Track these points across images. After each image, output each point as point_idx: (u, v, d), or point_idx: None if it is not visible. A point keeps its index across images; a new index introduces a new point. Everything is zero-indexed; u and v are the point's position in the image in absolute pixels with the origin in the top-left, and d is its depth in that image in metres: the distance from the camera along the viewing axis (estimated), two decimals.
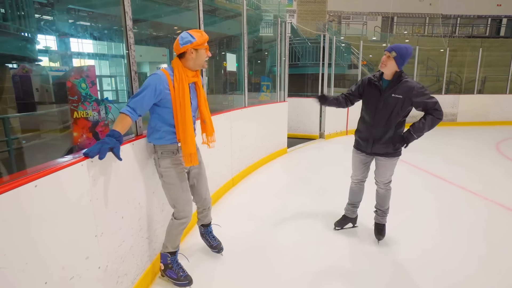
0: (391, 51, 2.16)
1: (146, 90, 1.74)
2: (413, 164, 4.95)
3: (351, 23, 17.05)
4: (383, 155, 2.35)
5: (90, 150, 1.44)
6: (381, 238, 2.54)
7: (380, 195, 2.53)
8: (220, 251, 2.41)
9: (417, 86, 2.17)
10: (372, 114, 2.32)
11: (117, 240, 1.65)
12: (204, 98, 2.04)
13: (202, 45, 1.83)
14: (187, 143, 1.86)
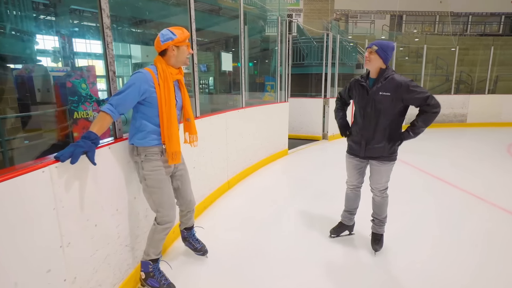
0: (371, 46, 2.10)
1: (130, 88, 1.68)
2: (417, 167, 4.76)
3: (358, 22, 16.76)
4: (377, 159, 2.22)
5: (62, 154, 1.37)
6: (378, 249, 2.39)
7: (376, 203, 2.38)
8: (205, 254, 2.35)
9: (405, 82, 2.04)
10: (361, 115, 2.22)
11: (88, 249, 1.56)
12: (187, 96, 2.00)
13: (183, 42, 1.80)
14: (172, 141, 1.81)
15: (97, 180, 1.63)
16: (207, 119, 3.18)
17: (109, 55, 1.78)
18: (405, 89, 2.02)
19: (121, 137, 1.89)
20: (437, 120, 8.99)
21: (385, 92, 2.08)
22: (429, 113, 2.05)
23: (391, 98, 2.07)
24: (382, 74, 2.11)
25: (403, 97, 2.05)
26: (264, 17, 11.24)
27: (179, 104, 1.94)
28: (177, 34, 1.77)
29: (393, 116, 2.13)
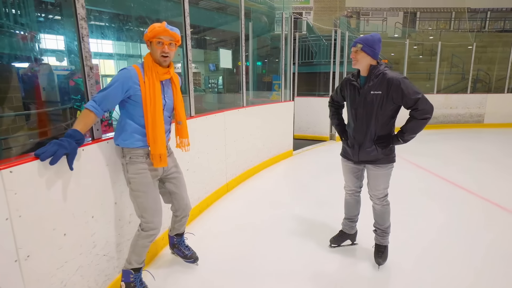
0: (355, 44, 1.91)
1: (113, 85, 1.59)
2: (429, 170, 4.49)
3: (370, 20, 16.34)
4: (373, 163, 2.02)
5: (43, 152, 1.31)
6: (382, 262, 2.16)
7: (377, 211, 2.17)
8: (196, 261, 2.20)
9: (396, 78, 1.84)
10: (353, 117, 2.04)
11: (54, 261, 1.42)
12: (180, 97, 1.88)
13: (153, 38, 1.65)
14: (157, 143, 1.69)
15: (68, 185, 1.49)
16: (203, 118, 3.03)
17: (85, 49, 1.64)
18: (396, 87, 1.82)
19: (99, 138, 1.75)
20: (451, 120, 8.61)
21: (376, 91, 1.89)
22: (418, 119, 1.84)
23: (382, 97, 1.88)
24: (372, 71, 1.91)
25: (393, 95, 1.85)
26: (273, 15, 11.06)
27: (169, 105, 1.81)
28: (148, 29, 1.65)
29: (385, 118, 1.94)
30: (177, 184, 1.98)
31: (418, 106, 1.81)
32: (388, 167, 2.03)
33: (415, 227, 2.78)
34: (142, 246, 1.80)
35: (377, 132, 1.96)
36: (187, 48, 2.74)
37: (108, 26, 8.37)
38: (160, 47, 1.65)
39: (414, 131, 1.88)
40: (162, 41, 1.64)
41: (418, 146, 6.35)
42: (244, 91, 3.98)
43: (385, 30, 14.78)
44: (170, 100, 1.82)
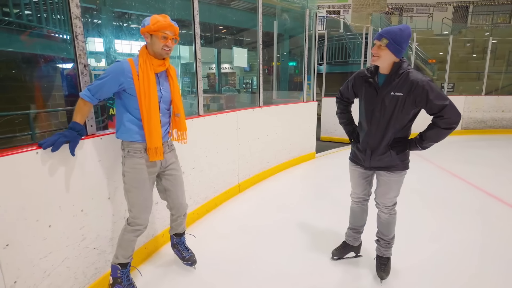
0: (380, 38, 1.65)
1: (107, 78, 1.62)
2: (468, 181, 4.02)
3: (414, 16, 15.27)
4: (386, 169, 1.83)
5: (45, 141, 1.44)
6: (385, 276, 1.98)
7: (382, 221, 1.98)
8: (193, 264, 2.15)
9: (421, 81, 1.63)
10: (368, 119, 1.83)
11: (37, 251, 1.47)
12: (178, 90, 1.85)
13: (156, 32, 1.63)
14: (152, 136, 1.69)
15: (55, 179, 1.54)
16: (212, 117, 3.00)
17: (79, 47, 1.69)
18: (421, 90, 1.63)
19: (93, 134, 1.79)
20: (503, 125, 7.71)
21: (398, 92, 1.68)
22: (441, 128, 1.65)
23: (403, 100, 1.68)
24: (396, 70, 1.68)
25: (417, 99, 1.66)
26: (302, 14, 10.80)
27: (166, 97, 1.80)
28: (152, 22, 1.62)
29: (404, 122, 1.75)
30: (173, 181, 1.95)
31: (444, 114, 1.62)
32: (402, 174, 1.84)
33: (435, 245, 2.48)
34: (128, 241, 1.80)
35: (394, 136, 1.78)
36: (196, 47, 2.74)
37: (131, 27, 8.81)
38: (165, 41, 1.65)
39: (435, 140, 1.70)
40: (166, 35, 1.64)
41: (457, 152, 5.77)
42: (261, 91, 3.89)
43: (431, 26, 13.69)
44: (167, 93, 1.80)
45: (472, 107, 7.42)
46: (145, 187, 1.77)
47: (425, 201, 3.36)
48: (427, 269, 2.13)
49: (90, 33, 6.90)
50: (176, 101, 1.84)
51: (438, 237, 2.58)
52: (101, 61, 6.80)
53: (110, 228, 1.92)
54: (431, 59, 10.65)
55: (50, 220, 1.53)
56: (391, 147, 1.79)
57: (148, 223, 1.86)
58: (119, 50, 8.46)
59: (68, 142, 1.52)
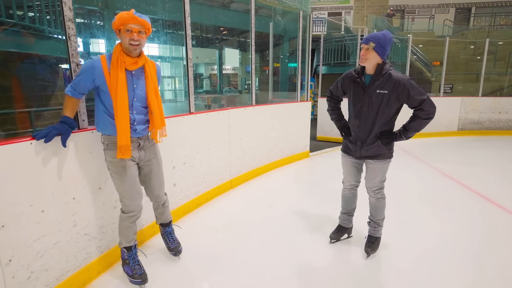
0: (368, 42, 1.93)
1: (81, 75, 1.71)
2: (460, 181, 4.10)
3: (416, 17, 15.30)
4: (373, 158, 2.11)
5: (38, 133, 1.57)
6: (370, 252, 2.26)
7: (371, 204, 2.27)
8: (177, 254, 2.26)
9: (403, 79, 1.92)
10: (357, 115, 2.09)
11: (30, 234, 1.61)
12: (153, 87, 1.86)
13: (121, 26, 1.65)
14: (119, 134, 1.73)
15: (49, 168, 1.68)
16: (204, 115, 3.14)
17: (71, 47, 1.83)
18: (402, 87, 1.91)
19: (84, 128, 1.93)
20: (500, 126, 7.72)
21: (383, 90, 1.95)
22: (422, 119, 1.96)
23: (388, 96, 1.95)
24: (380, 70, 1.96)
25: (400, 95, 1.93)
26: (304, 15, 10.90)
27: (139, 96, 1.80)
28: (116, 17, 1.64)
29: (389, 116, 2.02)
30: (149, 173, 2.01)
31: (424, 106, 1.91)
32: (386, 162, 2.12)
33: (415, 236, 2.59)
34: (126, 227, 1.94)
35: (381, 129, 2.04)
36: (187, 48, 2.87)
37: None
38: (129, 34, 1.65)
39: (417, 129, 1.99)
40: (130, 28, 1.64)
41: (453, 152, 5.83)
42: (253, 91, 4.02)
43: (432, 28, 13.71)
44: (141, 91, 1.81)
45: (468, 108, 7.47)
46: (128, 176, 1.84)
47: (411, 198, 3.46)
48: (417, 264, 2.24)
49: (93, 34, 7.09)
50: (149, 99, 1.83)
51: (424, 234, 2.67)
52: None
53: (101, 216, 2.06)
54: (435, 61, 10.70)
55: (43, 206, 1.67)
56: (379, 140, 2.04)
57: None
58: None
59: (60, 135, 1.65)
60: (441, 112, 7.33)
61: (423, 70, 10.41)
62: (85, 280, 1.95)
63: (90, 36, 6.77)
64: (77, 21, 6.62)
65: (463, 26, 14.90)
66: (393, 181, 3.78)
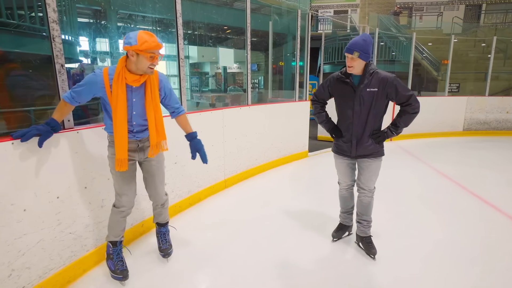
0: (352, 52, 1.98)
1: (83, 87, 1.75)
2: (458, 182, 4.02)
3: (424, 15, 15.02)
4: (369, 156, 2.14)
5: (17, 132, 1.60)
6: (376, 251, 2.25)
7: (364, 204, 2.27)
8: (166, 256, 2.26)
9: (390, 77, 2.02)
10: (350, 114, 2.12)
11: (11, 232, 1.64)
12: (154, 103, 1.86)
13: (144, 52, 1.65)
14: (117, 147, 1.79)
15: (31, 167, 1.71)
16: (196, 115, 3.14)
17: (56, 48, 1.85)
18: (390, 84, 2.00)
19: (70, 128, 1.96)
20: (508, 127, 7.52)
21: (373, 88, 2.03)
22: (410, 113, 2.04)
23: (378, 94, 2.03)
24: (367, 70, 2.03)
25: (388, 92, 2.02)
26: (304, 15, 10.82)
27: (139, 110, 1.84)
28: (139, 42, 1.62)
29: (380, 112, 2.10)
30: (150, 171, 2.05)
31: (411, 101, 2.01)
32: (380, 160, 2.18)
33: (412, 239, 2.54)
34: (115, 221, 1.99)
35: (373, 126, 2.10)
36: (179, 47, 2.88)
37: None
38: (152, 60, 1.69)
39: (406, 124, 2.07)
40: (154, 55, 1.68)
41: (457, 153, 5.72)
42: (249, 90, 4.01)
43: (440, 26, 13.44)
44: (141, 104, 1.83)
45: (474, 108, 7.30)
46: (124, 173, 1.90)
47: (410, 200, 3.40)
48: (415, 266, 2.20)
49: (97, 34, 7.19)
50: (148, 114, 1.84)
51: (422, 237, 2.63)
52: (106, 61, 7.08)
53: (87, 215, 2.09)
54: (445, 60, 10.48)
55: (25, 204, 1.69)
56: (373, 140, 2.11)
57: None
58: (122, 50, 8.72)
59: (39, 135, 1.66)
60: (445, 112, 7.22)
61: (430, 69, 10.22)
62: (69, 278, 1.98)
63: (95, 36, 6.86)
64: (82, 20, 6.72)
65: (473, 24, 14.56)
66: (391, 182, 3.78)
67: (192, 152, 2.06)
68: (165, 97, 1.98)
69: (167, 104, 2.03)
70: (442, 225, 2.82)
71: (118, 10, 7.26)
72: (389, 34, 10.42)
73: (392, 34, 10.58)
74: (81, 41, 6.18)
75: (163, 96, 1.97)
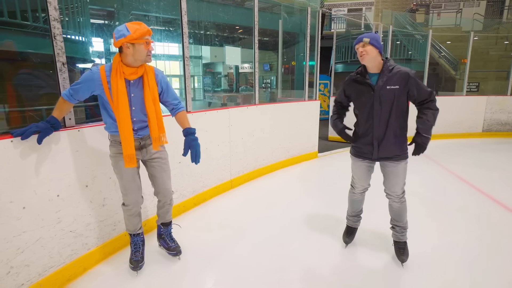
0: (362, 39, 1.91)
1: (80, 85, 1.76)
2: (479, 188, 3.82)
3: (442, 12, 14.53)
4: (392, 159, 2.01)
5: (16, 130, 1.60)
6: (405, 259, 2.14)
7: (395, 209, 2.15)
8: (178, 254, 2.23)
9: (411, 72, 1.90)
10: (370, 114, 2.00)
11: (10, 229, 1.64)
12: (152, 96, 1.86)
13: (139, 39, 1.68)
14: (124, 144, 1.79)
15: (31, 165, 1.71)
16: (201, 114, 3.12)
17: (57, 46, 1.86)
18: (412, 80, 1.90)
19: (71, 126, 1.96)
20: None
21: (393, 86, 1.91)
22: (434, 110, 1.92)
23: (399, 91, 1.91)
24: (385, 66, 1.93)
25: (410, 88, 1.91)
26: (327, 14, 10.69)
27: (138, 104, 1.84)
28: (131, 30, 1.65)
29: (403, 111, 1.97)
30: (157, 168, 2.03)
31: (433, 98, 1.92)
32: (405, 162, 2.04)
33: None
34: (126, 218, 2.06)
35: (396, 126, 1.96)
36: (184, 46, 2.85)
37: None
38: (147, 46, 1.71)
39: (433, 121, 1.92)
40: (148, 40, 1.71)
41: (474, 155, 5.47)
42: (256, 90, 3.96)
43: (459, 23, 12.96)
44: (140, 99, 1.83)
45: (495, 108, 6.97)
46: (126, 171, 1.90)
47: (424, 204, 3.25)
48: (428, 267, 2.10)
49: (110, 34, 7.30)
50: (148, 107, 1.85)
51: (432, 240, 2.50)
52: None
53: (88, 214, 2.08)
54: (464, 59, 10.10)
55: (24, 202, 1.70)
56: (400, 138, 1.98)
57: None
58: None
59: (39, 133, 1.67)
60: (463, 112, 6.93)
61: (447, 68, 9.86)
62: (69, 276, 1.97)
63: (108, 36, 6.96)
64: (94, 21, 6.84)
65: (495, 20, 13.95)
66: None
67: (185, 148, 1.97)
68: (162, 92, 1.96)
69: (166, 100, 1.99)
70: (457, 231, 2.67)
71: (131, 11, 7.35)
72: (404, 32, 10.13)
73: (407, 32, 10.27)
74: (94, 41, 6.28)
75: (160, 90, 1.94)
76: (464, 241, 2.49)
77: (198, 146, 1.98)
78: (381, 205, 2.49)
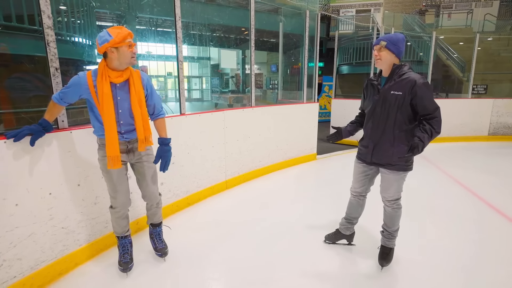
0: (379, 42, 1.90)
1: (69, 88, 1.83)
2: (476, 193, 3.78)
3: (452, 13, 14.27)
4: (385, 166, 2.00)
5: (9, 132, 1.68)
6: (385, 264, 2.15)
7: (386, 213, 2.16)
8: (163, 256, 2.30)
9: (419, 80, 1.82)
10: (370, 115, 2.04)
11: (3, 225, 1.75)
12: (138, 99, 1.92)
13: (121, 43, 1.75)
14: (108, 146, 1.84)
15: (24, 165, 1.82)
16: (196, 116, 3.19)
17: (50, 52, 1.96)
18: (419, 88, 1.81)
19: (63, 128, 2.06)
20: None
21: (397, 91, 1.87)
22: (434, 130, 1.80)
23: (402, 98, 1.86)
24: (395, 71, 1.91)
25: (413, 96, 1.83)
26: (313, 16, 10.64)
27: (123, 106, 1.88)
28: (113, 35, 1.71)
29: (405, 122, 1.90)
30: (141, 171, 2.09)
31: (438, 115, 1.81)
32: (400, 174, 1.99)
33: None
34: (113, 220, 2.11)
35: (395, 134, 1.92)
36: (178, 50, 2.94)
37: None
38: (130, 48, 1.77)
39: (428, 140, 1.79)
40: (131, 43, 1.77)
41: (477, 159, 5.39)
42: (252, 92, 4.01)
43: (470, 24, 12.71)
44: (126, 102, 1.88)
45: (502, 111, 6.83)
46: (114, 174, 1.97)
47: (423, 207, 3.25)
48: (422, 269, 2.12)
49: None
50: (134, 109, 1.89)
51: (434, 248, 2.51)
52: None
53: (80, 211, 2.18)
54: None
55: (17, 199, 1.80)
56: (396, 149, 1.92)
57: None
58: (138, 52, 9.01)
59: (31, 135, 1.77)
60: (467, 115, 6.81)
61: (455, 70, 9.70)
62: (61, 270, 2.08)
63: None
64: (101, 24, 7.05)
65: (509, 21, 13.61)
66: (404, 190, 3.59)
67: (157, 156, 2.05)
68: (147, 95, 2.01)
69: (149, 104, 2.04)
70: (455, 237, 2.66)
71: (137, 14, 7.54)
72: (410, 34, 10.01)
73: (413, 33, 10.15)
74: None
75: (146, 93, 2.00)
76: (459, 247, 2.48)
77: (169, 157, 2.06)
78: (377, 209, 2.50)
